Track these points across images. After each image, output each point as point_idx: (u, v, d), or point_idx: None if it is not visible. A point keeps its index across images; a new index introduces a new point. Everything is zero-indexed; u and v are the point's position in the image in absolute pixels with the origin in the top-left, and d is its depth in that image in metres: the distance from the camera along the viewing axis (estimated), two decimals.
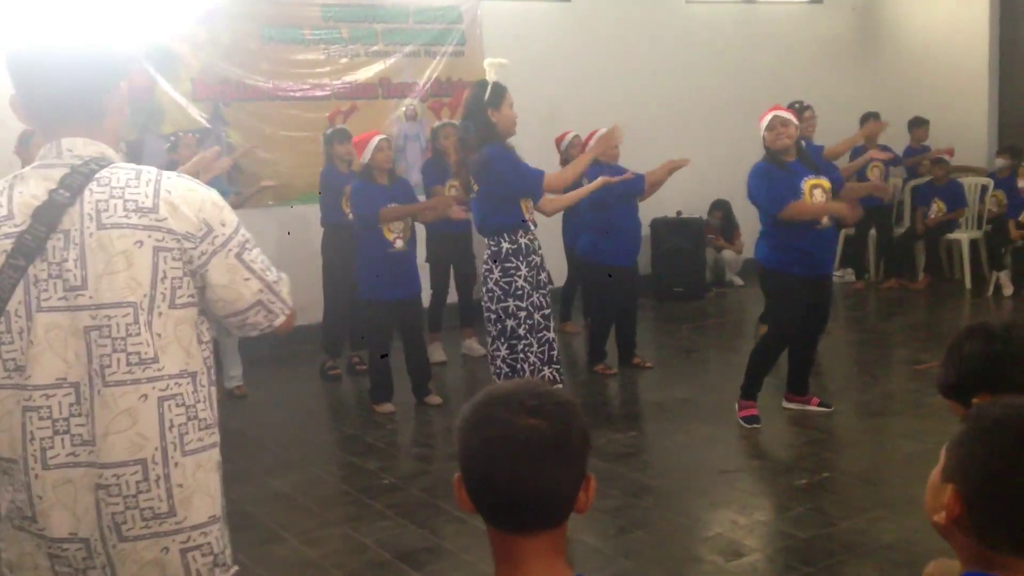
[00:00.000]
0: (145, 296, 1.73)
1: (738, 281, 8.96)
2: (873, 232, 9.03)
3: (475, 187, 4.41)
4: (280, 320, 1.92)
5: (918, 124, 9.20)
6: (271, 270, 1.89)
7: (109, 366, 1.72)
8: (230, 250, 1.81)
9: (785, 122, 4.95)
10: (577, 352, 6.95)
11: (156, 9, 6.85)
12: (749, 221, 6.95)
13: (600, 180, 5.36)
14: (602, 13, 8.70)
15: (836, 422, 5.12)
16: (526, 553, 1.38)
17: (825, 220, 4.94)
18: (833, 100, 9.70)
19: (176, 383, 1.77)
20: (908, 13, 10.25)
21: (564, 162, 7.17)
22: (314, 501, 4.42)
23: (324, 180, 6.35)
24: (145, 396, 1.73)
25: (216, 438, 1.86)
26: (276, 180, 7.12)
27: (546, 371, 4.35)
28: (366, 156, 5.50)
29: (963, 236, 8.68)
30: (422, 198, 6.37)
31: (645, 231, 6.70)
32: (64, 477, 1.73)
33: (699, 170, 7.03)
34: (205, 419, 1.82)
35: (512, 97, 4.34)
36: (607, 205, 5.86)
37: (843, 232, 9.29)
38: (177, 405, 1.77)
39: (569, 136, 7.12)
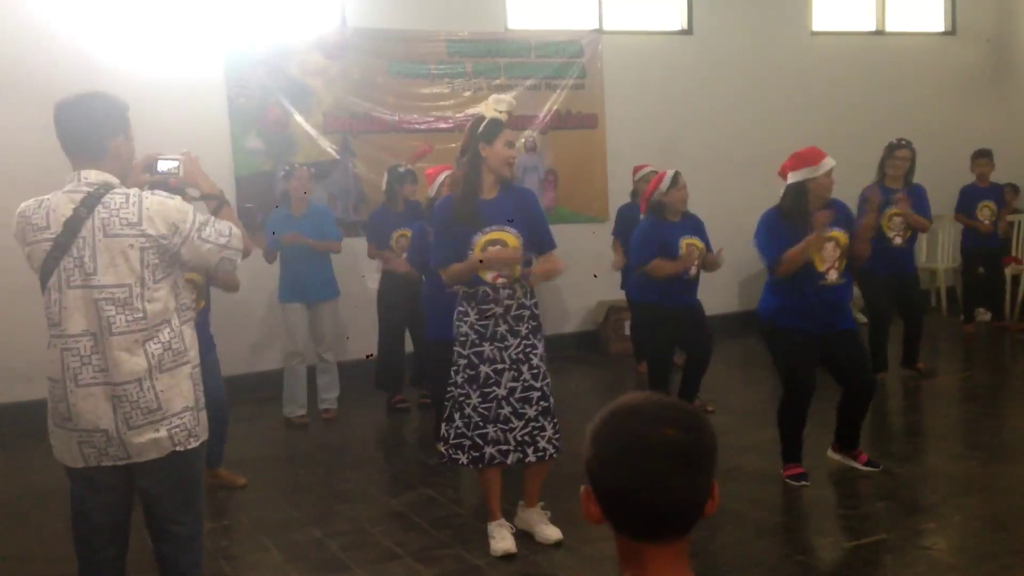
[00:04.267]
0: (138, 278, 2.71)
1: (861, 319, 8.69)
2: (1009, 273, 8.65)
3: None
4: (239, 261, 2.94)
5: None
6: (223, 235, 2.85)
7: (115, 323, 2.69)
8: (192, 237, 2.78)
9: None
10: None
11: (293, 47, 7.20)
12: None
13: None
14: (724, 46, 8.66)
15: (965, 466, 4.92)
16: (656, 560, 1.41)
17: (833, 276, 4.59)
18: (963, 134, 9.40)
19: (156, 329, 2.75)
20: None
21: (634, 194, 7.10)
22: (428, 521, 4.50)
23: (373, 221, 6.49)
24: (137, 340, 2.72)
25: (187, 358, 2.82)
26: None
27: (489, 429, 3.96)
28: (432, 191, 5.40)
29: None
30: None
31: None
32: (88, 392, 2.73)
33: None
34: (177, 348, 2.79)
35: (513, 137, 3.99)
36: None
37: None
38: (156, 343, 2.75)
39: (644, 170, 6.99)
